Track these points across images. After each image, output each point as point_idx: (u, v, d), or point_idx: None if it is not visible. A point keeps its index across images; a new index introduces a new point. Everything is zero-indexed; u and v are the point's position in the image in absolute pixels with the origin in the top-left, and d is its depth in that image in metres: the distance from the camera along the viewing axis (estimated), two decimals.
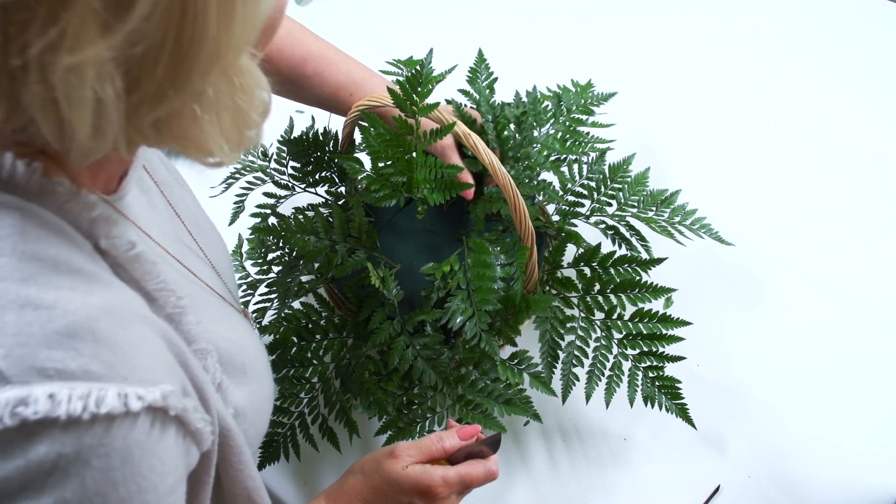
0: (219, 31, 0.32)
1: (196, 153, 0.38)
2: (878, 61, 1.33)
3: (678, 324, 0.76)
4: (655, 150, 1.18)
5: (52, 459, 0.31)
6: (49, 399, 0.31)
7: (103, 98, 0.31)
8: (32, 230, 0.34)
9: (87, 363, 0.33)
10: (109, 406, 0.33)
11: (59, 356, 0.32)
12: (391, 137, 0.75)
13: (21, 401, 0.30)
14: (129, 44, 0.30)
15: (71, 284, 0.34)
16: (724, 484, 0.82)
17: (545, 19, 1.49)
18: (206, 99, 0.35)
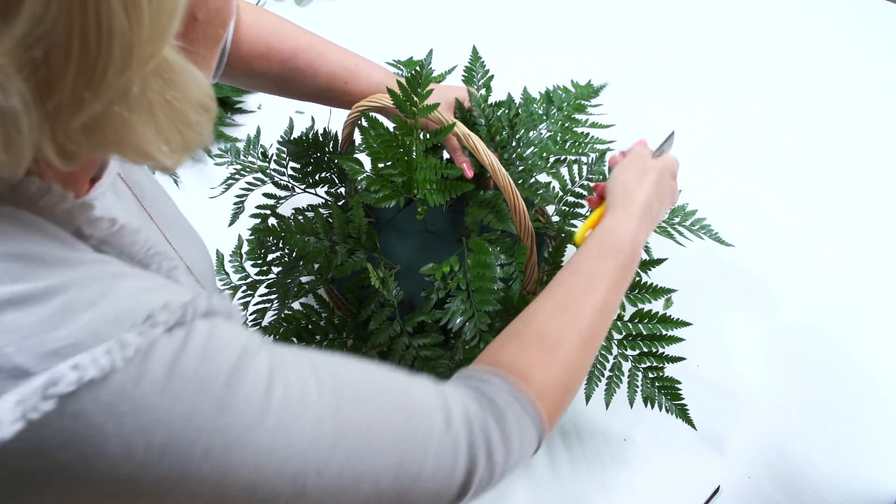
0: (129, 25, 0.30)
1: (136, 157, 0.35)
2: (878, 61, 1.34)
3: (678, 324, 0.76)
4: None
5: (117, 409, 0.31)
6: (74, 369, 0.30)
7: (7, 108, 0.29)
8: (12, 230, 0.34)
9: (95, 327, 0.32)
10: (135, 345, 0.32)
11: (65, 333, 0.31)
12: (391, 138, 0.75)
13: (49, 383, 0.30)
14: (25, 47, 0.28)
15: (59, 273, 0.33)
16: (724, 484, 0.82)
17: (545, 20, 1.49)
18: (132, 99, 0.33)
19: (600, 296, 0.57)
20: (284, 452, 0.36)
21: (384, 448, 0.39)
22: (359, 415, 0.39)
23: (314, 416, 0.37)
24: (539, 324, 0.54)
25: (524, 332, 0.53)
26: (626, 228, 0.63)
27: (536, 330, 0.53)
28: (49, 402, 0.30)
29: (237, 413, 0.34)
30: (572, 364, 0.53)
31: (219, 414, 0.33)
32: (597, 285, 0.57)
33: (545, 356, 0.51)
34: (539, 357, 0.51)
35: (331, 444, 0.37)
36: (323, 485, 0.37)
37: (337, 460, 0.37)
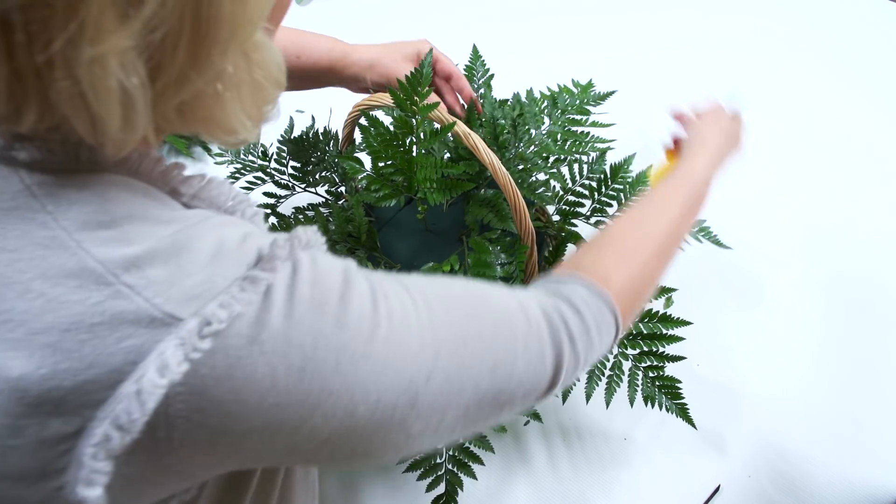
0: (233, 8, 0.33)
1: (221, 133, 0.38)
2: (878, 61, 1.34)
3: (678, 323, 0.76)
4: (656, 151, 1.18)
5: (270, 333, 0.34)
6: (222, 307, 0.33)
7: (129, 88, 0.31)
8: (123, 195, 0.36)
9: (223, 270, 0.34)
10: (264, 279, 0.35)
11: (200, 279, 0.33)
12: (391, 137, 0.75)
13: (203, 323, 0.32)
14: (148, 30, 0.30)
15: (176, 227, 0.35)
16: (725, 484, 0.82)
17: (546, 20, 1.49)
18: (226, 77, 0.35)
19: (673, 216, 0.61)
20: (398, 362, 0.38)
21: (478, 352, 0.42)
22: (451, 324, 0.42)
23: (416, 328, 0.40)
24: (616, 236, 0.58)
25: (602, 243, 0.57)
26: (699, 167, 0.68)
27: (613, 241, 0.57)
28: (206, 341, 0.32)
29: (354, 329, 0.37)
30: (647, 270, 0.57)
31: (339, 330, 0.36)
32: (670, 208, 0.62)
33: (621, 261, 0.55)
34: (615, 262, 0.55)
35: (434, 352, 0.40)
36: (432, 391, 0.39)
37: (441, 367, 0.40)
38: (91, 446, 0.32)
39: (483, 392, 0.42)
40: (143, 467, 0.34)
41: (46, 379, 0.31)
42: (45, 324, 0.31)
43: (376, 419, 0.38)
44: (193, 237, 0.35)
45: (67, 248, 0.32)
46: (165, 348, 0.31)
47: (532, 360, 0.45)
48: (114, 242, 0.33)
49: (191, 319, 0.32)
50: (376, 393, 0.37)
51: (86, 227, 0.33)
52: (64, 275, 0.32)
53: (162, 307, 0.32)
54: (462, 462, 0.74)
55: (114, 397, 0.31)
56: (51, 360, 0.31)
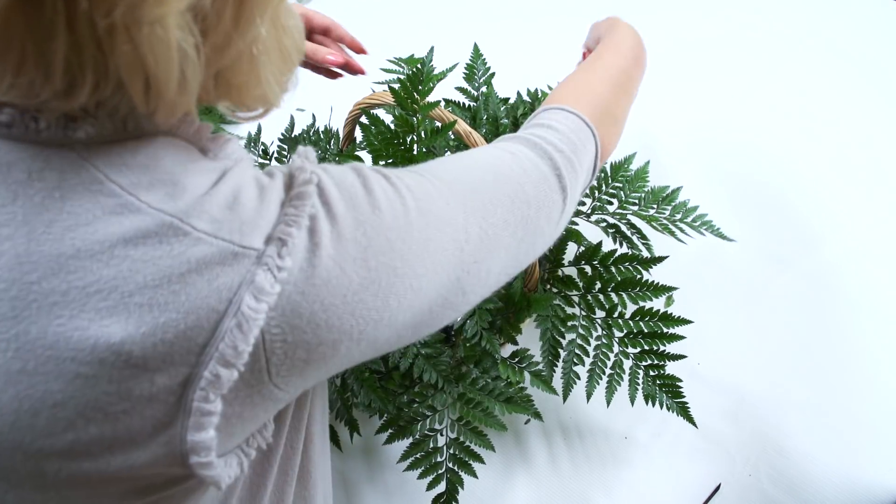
0: None
1: (251, 101, 0.40)
2: (880, 60, 1.33)
3: (679, 322, 0.76)
4: (656, 148, 1.18)
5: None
6: (286, 226, 0.36)
7: (186, 49, 0.32)
8: (172, 151, 0.38)
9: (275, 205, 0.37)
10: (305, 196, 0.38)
11: (259, 211, 0.36)
12: (392, 135, 0.75)
13: (279, 245, 0.35)
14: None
15: (219, 175, 0.38)
16: (725, 482, 0.82)
17: (547, 19, 1.49)
18: (261, 40, 0.37)
19: (621, 54, 0.67)
20: (435, 225, 0.42)
21: (492, 193, 0.46)
22: (459, 180, 0.46)
23: (435, 192, 0.43)
24: (574, 79, 0.63)
25: (562, 88, 0.62)
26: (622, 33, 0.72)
27: (574, 82, 0.63)
28: (286, 260, 0.35)
29: (387, 208, 0.40)
30: (609, 93, 0.63)
31: (376, 214, 0.39)
32: (613, 54, 0.67)
33: (582, 94, 0.60)
34: (576, 95, 0.60)
35: (460, 206, 0.44)
36: (472, 241, 0.44)
37: (471, 216, 0.44)
38: (199, 390, 0.34)
39: (514, 227, 0.47)
40: (242, 403, 0.36)
41: (148, 336, 0.33)
42: (137, 284, 0.33)
43: (437, 287, 0.41)
44: (238, 178, 0.38)
45: (140, 210, 0.34)
46: (255, 275, 0.34)
47: (536, 180, 0.49)
48: (178, 196, 0.35)
49: (267, 245, 0.35)
50: (431, 261, 0.40)
51: (151, 187, 0.35)
52: (143, 235, 0.34)
53: (240, 242, 0.35)
54: (462, 461, 0.74)
55: (216, 336, 0.33)
56: (149, 318, 0.33)
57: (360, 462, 0.86)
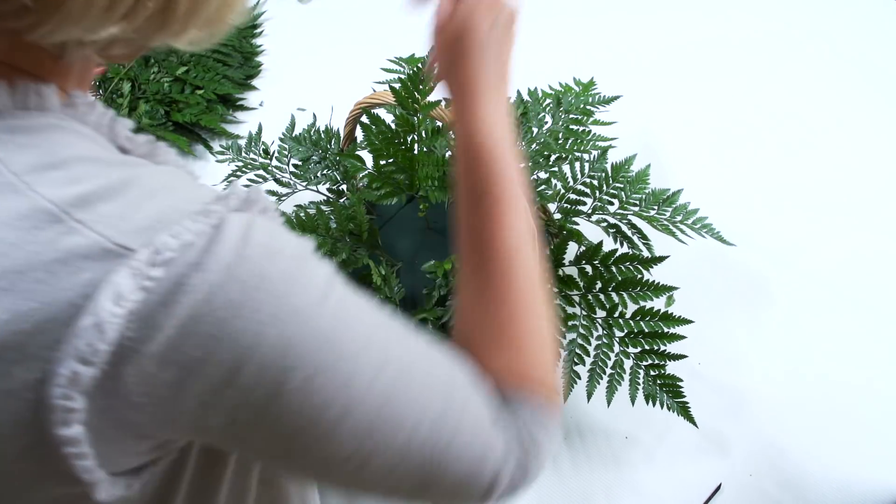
0: None
1: (204, 25, 0.37)
2: (880, 60, 1.33)
3: (680, 322, 0.76)
4: (657, 150, 1.18)
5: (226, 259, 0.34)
6: (172, 237, 0.33)
7: None
8: (72, 139, 0.36)
9: (174, 204, 0.35)
10: (217, 213, 0.35)
11: (152, 211, 0.34)
12: (393, 135, 0.75)
13: (154, 252, 0.32)
14: None
15: (126, 168, 0.36)
16: (726, 482, 0.82)
17: (548, 19, 1.49)
18: None
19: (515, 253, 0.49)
20: (343, 344, 0.36)
21: (428, 393, 0.39)
22: (410, 350, 0.39)
23: (369, 324, 0.38)
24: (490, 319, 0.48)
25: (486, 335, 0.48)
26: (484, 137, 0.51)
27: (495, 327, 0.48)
28: (157, 270, 0.32)
29: (303, 288, 0.35)
30: (545, 333, 0.49)
31: (287, 283, 0.35)
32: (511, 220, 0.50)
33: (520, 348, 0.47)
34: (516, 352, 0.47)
35: (383, 357, 0.37)
36: (371, 401, 0.37)
37: (387, 378, 0.37)
38: (58, 387, 0.32)
39: (421, 440, 0.38)
40: (108, 412, 0.33)
41: (6, 324, 0.31)
42: (2, 268, 0.32)
43: (306, 403, 0.35)
44: (143, 176, 0.36)
45: (18, 191, 0.33)
46: (119, 278, 0.32)
47: (477, 446, 0.40)
48: (64, 182, 0.34)
49: (142, 249, 0.32)
50: (313, 366, 0.35)
51: (36, 169, 0.34)
52: (17, 217, 0.32)
53: (114, 239, 0.32)
54: None
55: (73, 332, 0.32)
56: (9, 304, 0.31)
57: None
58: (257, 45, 1.44)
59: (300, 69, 1.39)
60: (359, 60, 1.35)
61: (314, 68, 1.39)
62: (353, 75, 1.27)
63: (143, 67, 1.23)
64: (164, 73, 1.24)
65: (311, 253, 0.38)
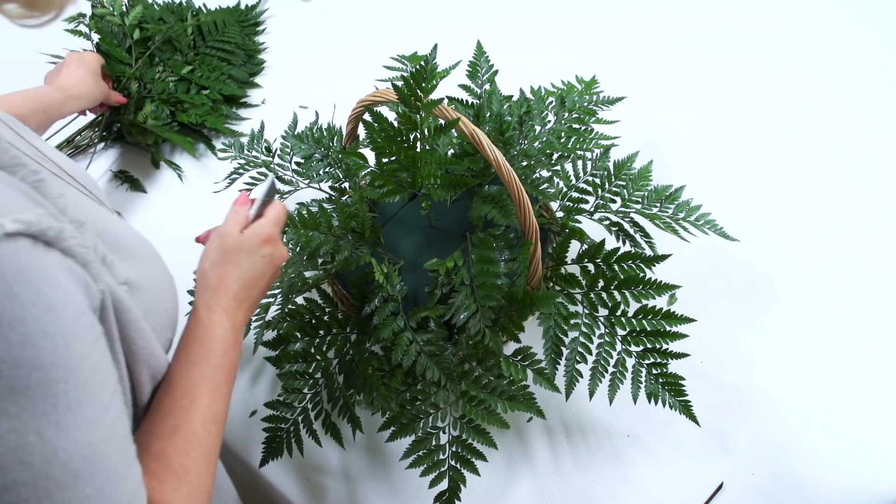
0: None
1: None
2: (882, 59, 1.33)
3: (682, 320, 0.76)
4: (660, 147, 1.18)
5: None
6: None
7: None
8: None
9: None
10: None
11: None
12: (395, 133, 0.75)
13: None
14: None
15: None
16: (728, 481, 0.82)
17: (550, 18, 1.48)
18: None
19: (205, 404, 0.58)
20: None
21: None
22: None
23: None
24: (160, 452, 0.54)
25: (153, 466, 0.53)
26: (216, 324, 0.63)
27: (162, 460, 0.54)
28: None
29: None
30: (205, 486, 0.56)
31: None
32: (197, 396, 0.58)
33: (181, 486, 0.54)
34: (176, 488, 0.53)
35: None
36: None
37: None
38: None
39: None
40: None
41: None
42: None
43: None
44: None
45: None
46: None
47: None
48: None
49: None
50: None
51: None
52: None
53: None
54: (465, 458, 0.74)
55: None
56: None
57: (363, 459, 0.86)
58: (260, 43, 1.44)
59: (302, 67, 1.39)
60: (361, 58, 1.35)
61: (316, 66, 1.39)
62: (355, 73, 1.27)
63: (148, 66, 1.23)
64: (168, 72, 1.24)
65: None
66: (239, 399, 0.92)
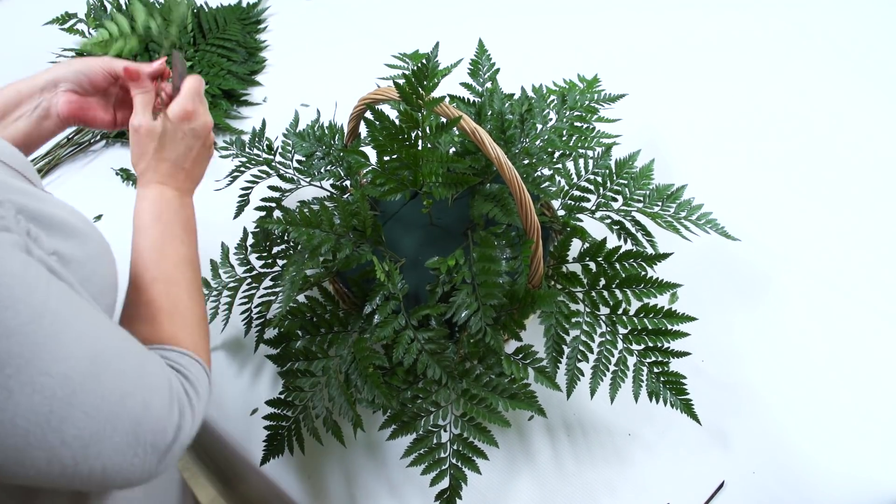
0: None
1: None
2: (884, 58, 1.33)
3: (683, 319, 0.76)
4: (661, 146, 1.18)
5: None
6: None
7: None
8: None
9: None
10: None
11: None
12: (397, 131, 0.75)
13: None
14: None
15: None
16: (729, 480, 0.82)
17: (551, 16, 1.48)
18: None
19: (171, 252, 0.67)
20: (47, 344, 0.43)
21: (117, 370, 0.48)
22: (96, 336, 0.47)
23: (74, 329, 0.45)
24: (149, 300, 0.63)
25: (146, 312, 0.62)
26: (158, 192, 0.71)
27: (153, 305, 0.63)
28: None
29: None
30: (196, 314, 0.66)
31: None
32: (162, 247, 0.66)
33: (175, 318, 0.63)
34: (172, 322, 0.62)
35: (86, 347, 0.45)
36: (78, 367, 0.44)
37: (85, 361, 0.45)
38: None
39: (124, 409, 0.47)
40: None
41: None
42: None
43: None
44: None
45: None
46: None
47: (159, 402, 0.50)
48: None
49: None
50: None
51: None
52: None
53: None
54: (466, 456, 0.74)
55: None
56: None
57: (364, 458, 0.86)
58: (261, 41, 1.44)
59: (304, 65, 1.39)
60: (362, 56, 1.35)
61: (318, 64, 1.39)
62: (356, 71, 1.27)
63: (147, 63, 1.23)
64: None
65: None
66: (240, 397, 0.92)
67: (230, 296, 0.90)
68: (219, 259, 0.92)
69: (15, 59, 1.24)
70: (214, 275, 0.92)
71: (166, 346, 0.60)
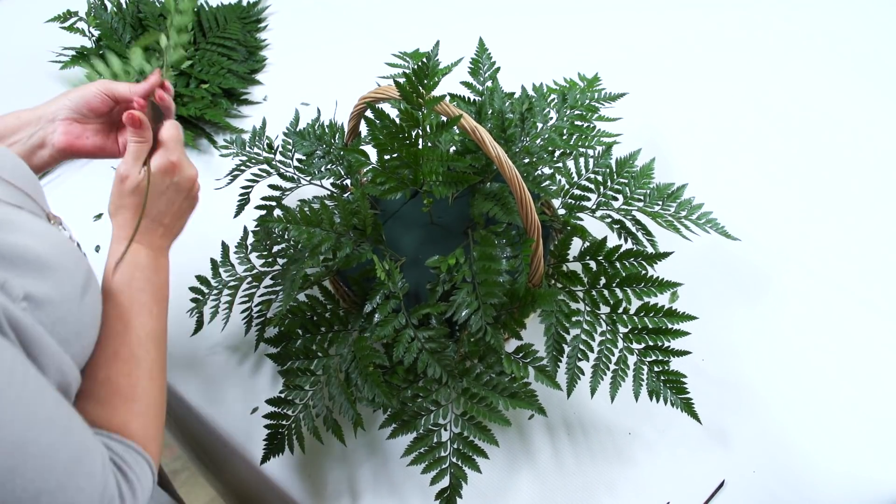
0: None
1: None
2: (885, 58, 1.33)
3: (684, 318, 0.76)
4: (662, 145, 1.18)
5: None
6: None
7: None
8: None
9: None
10: None
11: None
12: (397, 129, 0.75)
13: None
14: None
15: None
16: (729, 479, 0.82)
17: (552, 16, 1.48)
18: None
19: (138, 325, 0.62)
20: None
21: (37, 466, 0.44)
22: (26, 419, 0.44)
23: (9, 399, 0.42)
24: (106, 378, 0.59)
25: (101, 392, 0.58)
26: (132, 252, 0.66)
27: (108, 385, 0.59)
28: None
29: None
30: (153, 399, 0.62)
31: None
32: (129, 320, 0.62)
33: (132, 405, 0.59)
34: (127, 409, 0.59)
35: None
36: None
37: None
38: None
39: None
40: None
41: None
42: None
43: None
44: None
45: None
46: None
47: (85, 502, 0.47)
48: None
49: None
50: None
51: None
52: None
53: None
54: (466, 455, 0.74)
55: None
56: None
57: (364, 457, 0.86)
58: (262, 40, 1.44)
59: (304, 64, 1.38)
60: (363, 55, 1.35)
61: (318, 63, 1.39)
62: (357, 70, 1.27)
63: (148, 62, 1.23)
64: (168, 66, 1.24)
65: None
66: (240, 396, 0.92)
67: (230, 295, 0.90)
68: (219, 258, 0.92)
69: (15, 58, 1.24)
70: (215, 274, 0.92)
71: (114, 435, 0.56)
